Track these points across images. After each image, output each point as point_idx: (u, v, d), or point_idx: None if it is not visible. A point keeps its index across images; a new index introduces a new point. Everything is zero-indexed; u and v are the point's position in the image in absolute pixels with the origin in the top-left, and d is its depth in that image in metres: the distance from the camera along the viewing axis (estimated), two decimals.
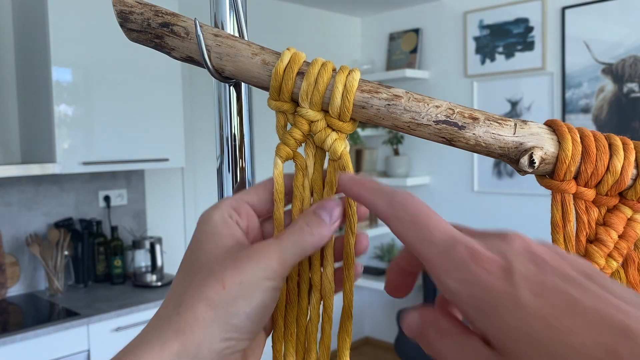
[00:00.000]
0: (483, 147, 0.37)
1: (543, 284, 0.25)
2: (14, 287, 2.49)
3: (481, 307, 0.25)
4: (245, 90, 0.46)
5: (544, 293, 0.24)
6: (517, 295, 0.24)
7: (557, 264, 0.26)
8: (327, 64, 0.38)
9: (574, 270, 0.26)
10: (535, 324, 0.24)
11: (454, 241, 0.27)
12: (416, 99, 0.37)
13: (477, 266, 0.26)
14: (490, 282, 0.25)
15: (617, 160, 0.35)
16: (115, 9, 0.40)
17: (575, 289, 0.25)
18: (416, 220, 0.29)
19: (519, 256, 0.26)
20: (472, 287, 0.26)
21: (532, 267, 0.26)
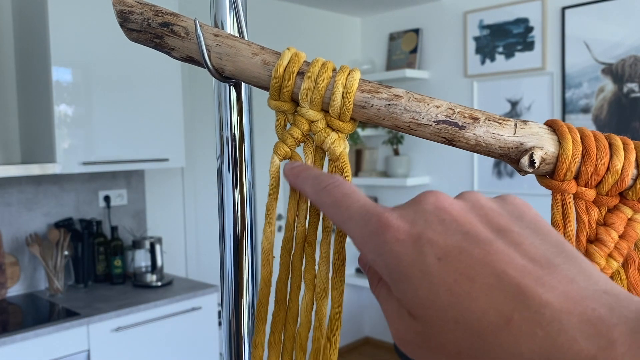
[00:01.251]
0: (483, 147, 0.37)
1: (446, 246, 0.24)
2: (14, 287, 2.49)
3: (394, 277, 0.25)
4: (245, 90, 0.46)
5: (447, 257, 0.24)
6: (423, 262, 0.24)
7: (464, 220, 0.25)
8: (327, 63, 0.38)
9: (484, 225, 0.25)
10: (439, 290, 0.23)
11: (368, 213, 0.28)
12: (416, 98, 0.37)
13: (387, 236, 0.26)
14: (400, 251, 0.25)
15: (618, 160, 0.35)
16: (115, 9, 0.40)
17: (477, 248, 0.24)
18: (338, 202, 0.30)
19: (428, 217, 0.26)
20: (384, 257, 0.26)
21: (438, 227, 0.25)
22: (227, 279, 0.47)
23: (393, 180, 3.59)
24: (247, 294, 0.46)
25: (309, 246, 0.38)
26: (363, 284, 3.79)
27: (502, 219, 0.26)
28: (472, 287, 0.23)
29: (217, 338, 2.57)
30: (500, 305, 0.22)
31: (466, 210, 0.26)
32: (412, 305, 0.24)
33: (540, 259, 0.23)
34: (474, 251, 0.24)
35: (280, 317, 0.38)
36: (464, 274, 0.23)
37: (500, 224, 0.25)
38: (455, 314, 0.23)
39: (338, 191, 0.31)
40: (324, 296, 0.37)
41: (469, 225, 0.25)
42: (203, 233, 3.16)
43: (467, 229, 0.25)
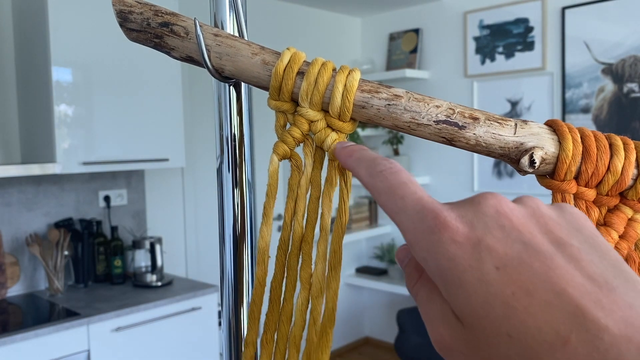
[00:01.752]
0: (483, 147, 0.37)
1: (505, 256, 0.23)
2: (14, 287, 2.49)
3: (447, 279, 0.24)
4: (245, 90, 0.46)
5: (506, 267, 0.23)
6: (481, 270, 0.23)
7: (525, 228, 0.24)
8: (327, 63, 0.37)
9: (543, 236, 0.24)
10: (495, 301, 0.22)
11: (424, 209, 0.27)
12: (416, 98, 0.37)
13: (443, 236, 0.25)
14: (456, 254, 0.24)
15: (618, 160, 0.35)
16: (115, 9, 0.40)
17: (537, 261, 0.23)
18: (393, 190, 0.29)
19: (488, 222, 0.25)
20: (438, 257, 0.25)
21: (498, 233, 0.24)
22: (227, 279, 0.46)
23: None
24: (247, 294, 0.46)
25: (306, 245, 0.38)
26: (363, 284, 3.79)
27: (562, 231, 0.25)
28: (530, 302, 0.22)
29: (217, 338, 2.57)
30: (558, 325, 0.21)
31: (527, 217, 0.25)
32: (464, 313, 0.24)
33: (599, 279, 0.22)
34: (534, 264, 0.23)
35: (274, 317, 0.38)
36: (523, 287, 0.22)
37: (559, 235, 0.24)
38: (510, 328, 0.22)
39: (395, 178, 0.29)
40: (319, 295, 0.37)
41: (529, 234, 0.24)
42: (203, 233, 3.16)
43: (527, 239, 0.24)
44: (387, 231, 3.85)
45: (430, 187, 3.64)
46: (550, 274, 0.22)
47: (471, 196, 0.27)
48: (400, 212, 0.28)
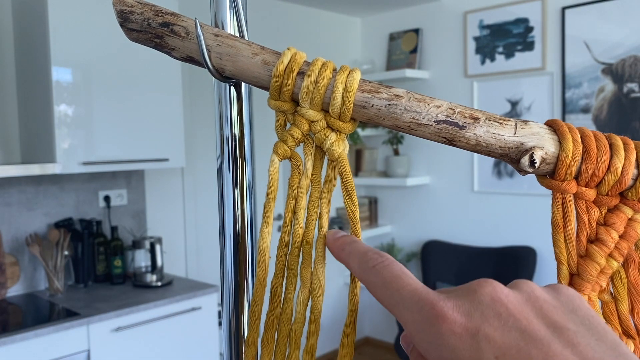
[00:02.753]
0: (484, 147, 0.37)
1: (504, 345, 0.24)
2: (14, 287, 2.49)
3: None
4: (245, 90, 0.46)
5: (505, 356, 0.24)
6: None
7: (521, 315, 0.25)
8: (327, 63, 0.38)
9: (539, 321, 0.25)
10: None
11: (420, 300, 0.27)
12: (417, 98, 0.37)
13: (442, 327, 0.25)
14: (457, 345, 0.25)
15: (618, 160, 0.35)
16: (116, 9, 0.40)
17: (535, 349, 0.23)
18: (387, 284, 0.30)
19: (484, 310, 0.25)
20: (439, 349, 0.25)
21: (495, 322, 0.25)
22: (227, 279, 0.46)
23: (393, 180, 3.59)
24: (247, 294, 0.46)
25: (306, 244, 0.38)
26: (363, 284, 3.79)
27: (558, 314, 0.25)
28: None
29: (217, 338, 2.57)
30: None
31: (522, 303, 0.26)
32: None
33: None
34: (532, 352, 0.23)
35: (275, 316, 0.38)
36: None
37: (556, 319, 0.25)
38: None
39: (387, 272, 0.30)
40: (319, 294, 0.37)
41: (525, 321, 0.25)
42: (203, 233, 3.16)
43: (524, 326, 0.24)
44: (387, 231, 3.85)
45: (430, 187, 3.65)
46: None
47: (466, 284, 0.28)
48: (398, 305, 0.28)
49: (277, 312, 0.38)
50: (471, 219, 3.45)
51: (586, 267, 0.36)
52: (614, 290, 0.37)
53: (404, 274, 0.30)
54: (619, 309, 0.37)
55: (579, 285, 0.36)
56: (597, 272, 0.36)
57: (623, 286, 0.37)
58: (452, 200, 3.53)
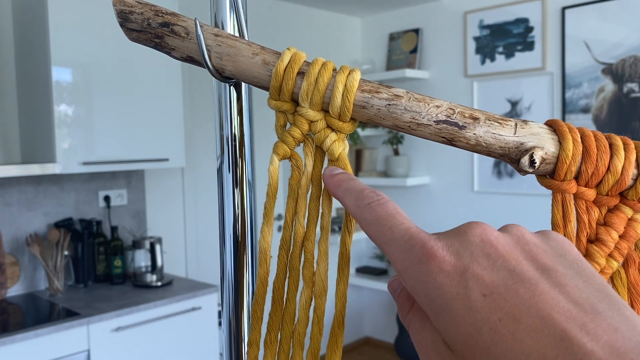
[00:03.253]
0: (484, 147, 0.37)
1: (492, 283, 0.24)
2: (14, 287, 2.49)
3: (435, 308, 0.25)
4: (245, 90, 0.46)
5: (492, 294, 0.24)
6: (468, 297, 0.24)
7: (510, 255, 0.25)
8: (327, 63, 0.38)
9: (529, 262, 0.25)
10: (483, 328, 0.23)
11: (412, 239, 0.27)
12: (417, 98, 0.37)
13: (431, 265, 0.25)
14: (444, 282, 0.25)
15: (618, 160, 0.35)
16: (116, 9, 0.40)
17: (523, 287, 0.23)
18: (381, 221, 0.30)
19: (474, 250, 0.25)
20: (427, 286, 0.25)
21: (484, 261, 0.25)
22: (227, 279, 0.46)
23: (393, 180, 3.59)
24: (247, 294, 0.46)
25: (308, 243, 0.38)
26: (364, 284, 3.79)
27: (547, 257, 0.25)
28: (516, 328, 0.22)
29: (217, 338, 2.57)
30: (544, 349, 0.21)
31: (512, 245, 0.26)
32: (453, 340, 0.24)
33: (584, 304, 0.23)
34: (520, 290, 0.23)
35: (277, 317, 0.38)
36: (509, 313, 0.23)
37: (544, 262, 0.25)
38: (498, 354, 0.22)
39: (382, 210, 0.30)
40: (322, 294, 0.37)
41: (514, 261, 0.25)
42: (203, 233, 3.16)
43: (512, 266, 0.24)
44: None
45: (430, 187, 3.65)
46: (536, 300, 0.23)
47: (458, 226, 0.28)
48: (389, 243, 0.28)
49: (280, 312, 0.38)
50: (471, 219, 3.45)
51: None
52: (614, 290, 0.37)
53: (398, 213, 0.30)
54: None
55: None
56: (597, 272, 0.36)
57: (623, 286, 0.37)
58: (452, 200, 3.53)
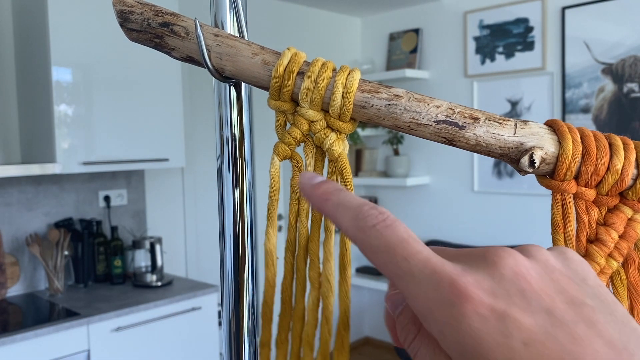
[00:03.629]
0: (483, 147, 0.37)
1: (531, 329, 0.22)
2: (14, 287, 2.49)
3: (468, 355, 0.22)
4: (245, 90, 0.46)
5: (534, 343, 0.22)
6: (510, 347, 0.21)
7: (544, 292, 0.23)
8: (327, 63, 0.37)
9: (560, 298, 0.23)
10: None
11: (437, 276, 0.23)
12: (416, 98, 0.37)
13: (466, 309, 0.22)
14: (481, 329, 0.22)
15: (618, 160, 0.35)
16: (116, 9, 0.40)
17: (562, 332, 0.22)
18: (392, 250, 0.24)
19: (509, 288, 0.23)
20: (460, 333, 0.22)
21: (520, 302, 0.22)
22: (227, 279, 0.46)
23: (393, 180, 3.59)
24: (247, 294, 0.46)
25: (313, 245, 0.38)
26: (363, 284, 3.79)
27: (573, 287, 0.24)
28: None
29: (217, 338, 2.57)
30: None
31: (543, 277, 0.24)
32: None
33: (619, 345, 0.22)
34: (559, 336, 0.22)
35: (287, 317, 0.38)
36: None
37: (573, 295, 0.23)
38: None
39: (392, 234, 0.25)
40: (330, 294, 0.37)
41: (549, 299, 0.23)
42: (203, 233, 3.16)
43: (548, 306, 0.23)
44: None
45: (430, 187, 3.64)
46: (575, 348, 0.21)
47: (479, 251, 0.25)
48: (405, 277, 0.24)
49: (289, 313, 0.38)
50: (471, 219, 3.45)
51: None
52: (614, 290, 0.37)
53: (411, 237, 0.25)
54: None
55: None
56: (597, 272, 0.36)
57: (623, 286, 0.37)
58: (452, 200, 3.53)
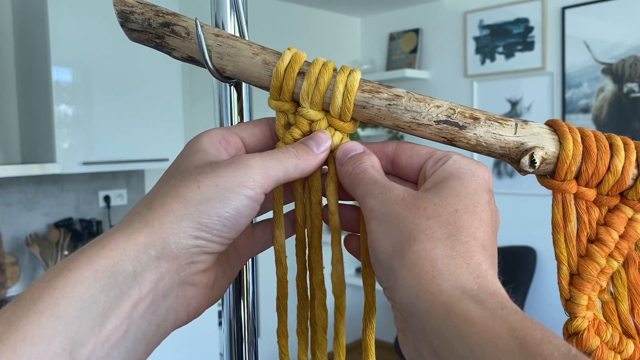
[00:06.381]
0: (484, 147, 0.37)
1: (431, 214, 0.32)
2: (14, 287, 2.49)
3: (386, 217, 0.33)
4: (245, 90, 0.46)
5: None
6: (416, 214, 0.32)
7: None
8: (328, 63, 0.38)
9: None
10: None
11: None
12: (417, 98, 0.37)
13: (390, 193, 0.33)
14: (401, 209, 0.32)
15: (618, 160, 0.35)
16: (116, 9, 0.40)
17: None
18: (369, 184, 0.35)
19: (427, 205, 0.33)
20: (385, 204, 0.33)
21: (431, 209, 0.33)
22: None
23: None
24: (247, 294, 0.46)
25: (318, 246, 0.39)
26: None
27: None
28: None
29: (217, 338, 2.57)
30: None
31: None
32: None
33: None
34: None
35: (305, 310, 0.39)
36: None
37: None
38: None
39: (366, 176, 0.36)
40: (342, 294, 0.38)
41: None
42: None
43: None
44: None
45: None
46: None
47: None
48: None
49: (306, 306, 0.39)
50: None
51: (586, 267, 0.36)
52: (614, 290, 0.37)
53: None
54: (619, 308, 0.37)
55: (579, 284, 0.36)
56: (598, 272, 0.36)
57: (623, 286, 0.37)
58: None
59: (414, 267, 0.28)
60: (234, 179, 0.32)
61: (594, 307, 0.36)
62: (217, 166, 0.33)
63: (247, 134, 0.38)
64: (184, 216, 0.31)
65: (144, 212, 0.31)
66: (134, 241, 0.30)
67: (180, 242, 0.31)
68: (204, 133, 0.37)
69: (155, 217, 0.31)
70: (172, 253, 0.30)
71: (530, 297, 3.10)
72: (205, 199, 0.31)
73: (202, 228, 0.31)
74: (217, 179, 0.32)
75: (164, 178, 0.35)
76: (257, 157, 0.34)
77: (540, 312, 3.01)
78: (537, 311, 3.02)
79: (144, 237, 0.30)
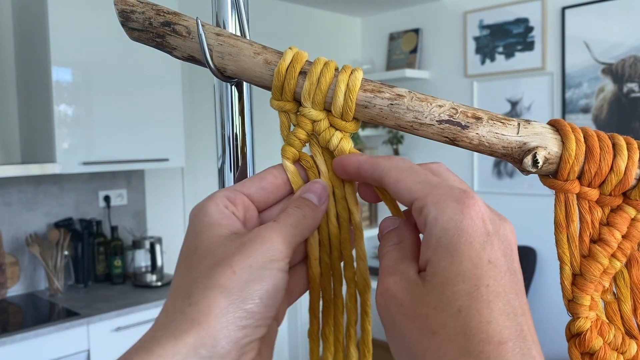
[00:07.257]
0: (486, 147, 0.36)
1: (498, 256, 0.30)
2: (14, 287, 2.49)
3: (444, 242, 0.30)
4: (246, 90, 0.46)
5: (497, 264, 0.30)
6: (480, 257, 0.29)
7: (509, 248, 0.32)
8: (329, 63, 0.37)
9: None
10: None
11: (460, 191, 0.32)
12: (419, 98, 0.37)
13: (470, 209, 0.30)
14: (470, 228, 0.30)
15: (621, 160, 0.35)
16: (117, 8, 0.40)
17: (511, 278, 0.31)
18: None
19: (499, 226, 0.32)
20: (451, 222, 0.30)
21: (498, 239, 0.31)
22: None
23: None
24: None
25: (346, 245, 0.39)
26: None
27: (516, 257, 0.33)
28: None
29: None
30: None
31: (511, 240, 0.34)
32: (437, 273, 0.29)
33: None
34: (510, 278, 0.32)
35: (329, 312, 0.39)
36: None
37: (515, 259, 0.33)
38: (462, 303, 0.28)
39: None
40: (367, 289, 0.38)
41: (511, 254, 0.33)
42: None
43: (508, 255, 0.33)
44: None
45: None
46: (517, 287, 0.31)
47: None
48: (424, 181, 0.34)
49: (331, 308, 0.39)
50: None
51: (589, 268, 0.36)
52: (617, 291, 0.37)
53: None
54: (622, 309, 0.37)
55: (582, 285, 0.36)
56: (600, 272, 0.36)
57: (626, 286, 0.37)
58: None
59: None
60: (263, 256, 0.32)
61: (596, 308, 0.36)
62: (243, 245, 0.32)
63: (255, 190, 0.37)
64: (229, 307, 0.30)
65: (187, 309, 0.30)
66: (183, 343, 0.29)
67: (230, 336, 0.30)
68: (207, 201, 0.36)
69: (200, 314, 0.29)
70: (224, 349, 0.29)
71: (530, 297, 3.10)
72: (244, 284, 0.31)
73: (247, 316, 0.30)
74: (248, 259, 0.31)
75: (187, 264, 0.33)
76: (275, 229, 0.33)
77: (540, 312, 3.01)
78: (537, 311, 3.02)
79: (192, 338, 0.29)
